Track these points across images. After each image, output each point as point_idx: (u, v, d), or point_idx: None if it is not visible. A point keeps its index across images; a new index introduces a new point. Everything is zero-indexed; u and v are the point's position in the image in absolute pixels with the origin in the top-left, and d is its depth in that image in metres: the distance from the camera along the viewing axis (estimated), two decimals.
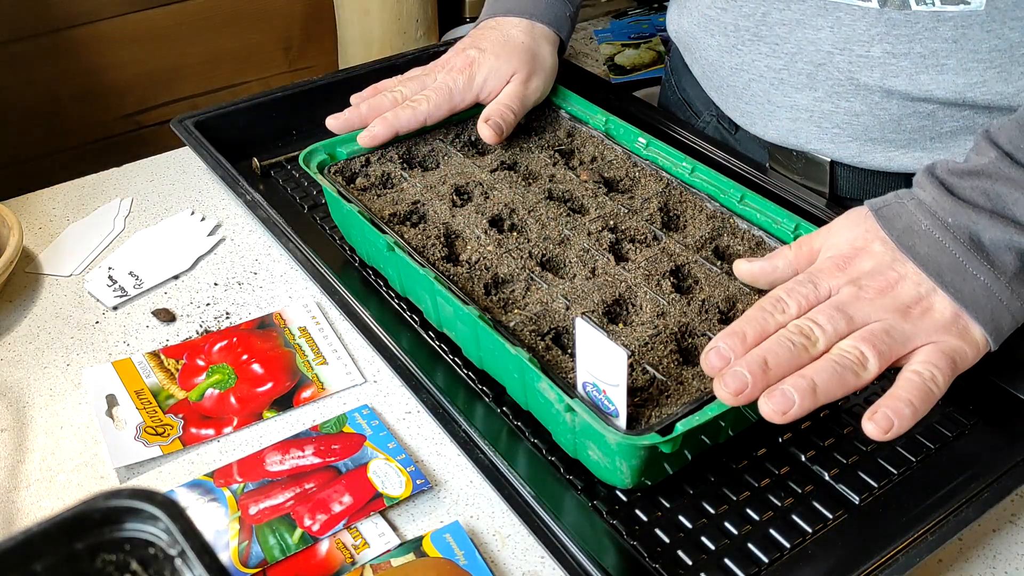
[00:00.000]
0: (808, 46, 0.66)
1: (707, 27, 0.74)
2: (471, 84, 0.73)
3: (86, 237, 0.75)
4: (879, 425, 0.44)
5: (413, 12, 1.49)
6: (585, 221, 0.63)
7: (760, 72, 0.70)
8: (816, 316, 0.48)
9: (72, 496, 0.54)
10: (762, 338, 0.48)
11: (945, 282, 0.48)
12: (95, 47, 1.40)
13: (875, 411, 0.45)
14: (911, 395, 0.45)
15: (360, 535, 0.50)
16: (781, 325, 0.49)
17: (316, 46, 1.63)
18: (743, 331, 0.48)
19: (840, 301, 0.49)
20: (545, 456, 0.54)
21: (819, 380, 0.45)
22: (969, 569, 0.50)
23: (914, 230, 0.50)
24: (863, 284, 0.49)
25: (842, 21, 0.63)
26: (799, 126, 0.71)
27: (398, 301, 0.66)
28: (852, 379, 0.46)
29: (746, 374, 0.45)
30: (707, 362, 0.47)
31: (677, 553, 0.48)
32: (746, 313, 0.49)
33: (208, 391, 0.60)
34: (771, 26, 0.67)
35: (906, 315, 0.48)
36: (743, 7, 0.69)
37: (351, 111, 0.72)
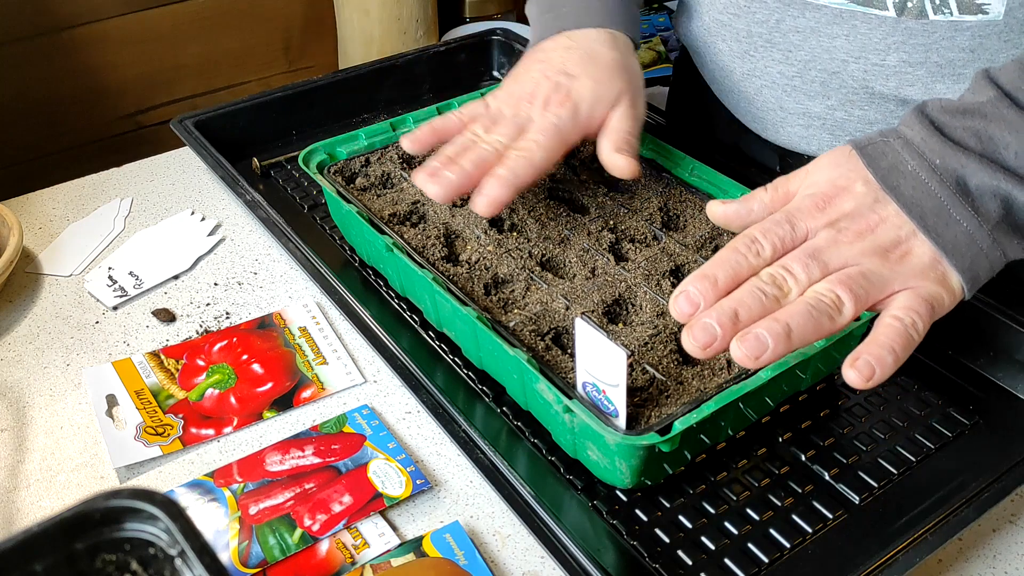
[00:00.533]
0: (823, 54, 0.65)
1: (718, 32, 0.72)
2: (577, 118, 0.61)
3: (86, 237, 0.75)
4: (861, 373, 0.43)
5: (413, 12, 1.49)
6: (585, 221, 0.63)
7: (772, 79, 0.69)
8: (791, 264, 0.46)
9: (72, 496, 0.54)
10: (734, 283, 0.46)
11: (927, 226, 0.47)
12: (95, 47, 1.40)
13: (856, 358, 0.43)
14: (893, 341, 0.44)
15: (360, 535, 0.50)
16: (754, 269, 0.47)
17: (316, 46, 1.63)
18: (715, 274, 0.46)
19: (816, 246, 0.47)
20: (545, 456, 0.54)
21: (794, 324, 0.43)
22: (969, 569, 0.50)
23: (899, 170, 0.48)
24: (841, 227, 0.48)
25: (858, 29, 0.62)
26: (812, 133, 0.70)
27: (398, 301, 0.66)
28: (827, 323, 0.44)
29: (715, 326, 0.43)
30: (676, 306, 0.45)
31: (677, 553, 0.48)
32: (718, 254, 0.47)
33: (208, 391, 0.60)
34: (785, 33, 0.66)
35: (884, 258, 0.47)
36: (756, 13, 0.68)
37: (454, 170, 0.58)
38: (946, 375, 0.59)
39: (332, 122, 0.87)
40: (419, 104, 0.87)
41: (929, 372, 0.59)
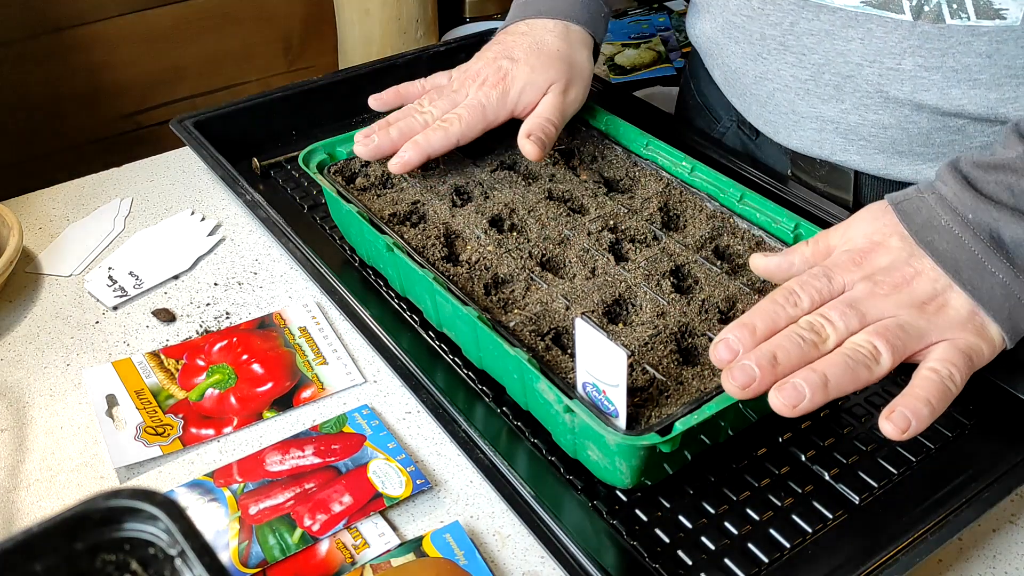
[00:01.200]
0: (837, 57, 0.64)
1: (731, 34, 0.72)
2: (505, 99, 0.68)
3: (86, 237, 0.75)
4: (897, 425, 0.44)
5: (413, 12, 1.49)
6: (585, 221, 0.63)
7: (785, 82, 0.69)
8: (828, 312, 0.47)
9: (72, 496, 0.54)
10: (772, 332, 0.47)
11: (963, 279, 0.48)
12: (95, 47, 1.40)
13: (892, 410, 0.44)
14: (929, 394, 0.45)
15: (360, 535, 0.50)
16: (792, 319, 0.48)
17: (316, 46, 1.63)
18: (753, 323, 0.47)
19: (854, 297, 0.48)
20: (545, 456, 0.54)
21: (831, 374, 0.44)
22: (969, 569, 0.50)
23: (933, 225, 0.49)
24: (878, 280, 0.48)
25: (873, 33, 0.62)
26: (824, 136, 0.70)
27: (398, 301, 0.66)
28: (864, 374, 0.45)
29: (754, 368, 0.45)
30: (716, 353, 0.47)
31: (677, 553, 0.48)
32: (758, 304, 0.48)
33: (208, 391, 0.60)
34: (799, 36, 0.66)
35: (921, 311, 0.47)
36: (770, 16, 0.67)
37: (381, 135, 0.67)
38: None
39: (332, 122, 0.87)
40: None
41: None
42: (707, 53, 0.79)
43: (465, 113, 0.67)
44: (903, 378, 0.58)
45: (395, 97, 0.72)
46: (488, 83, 0.68)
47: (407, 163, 0.65)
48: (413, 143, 0.66)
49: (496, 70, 0.69)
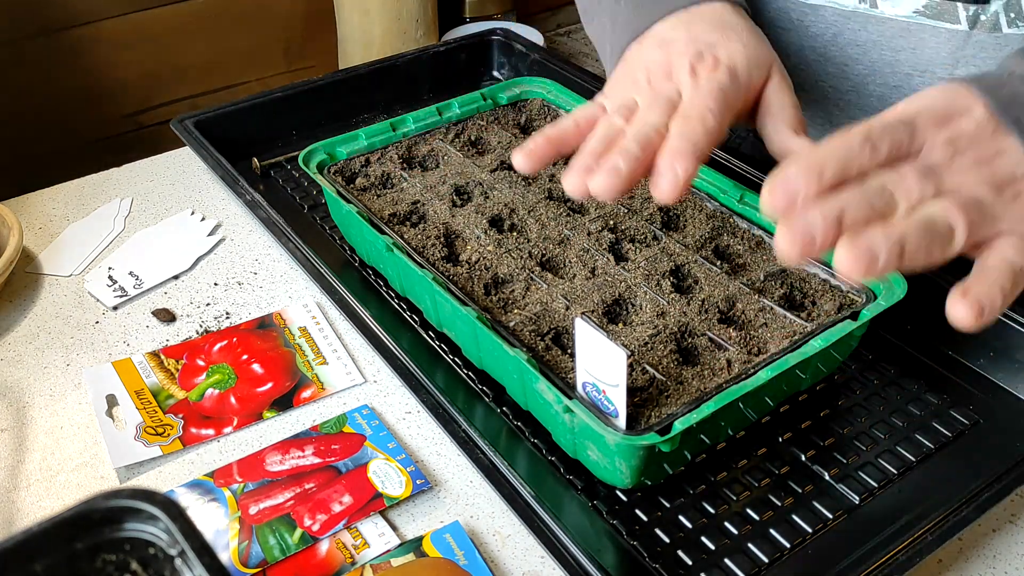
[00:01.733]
0: (884, 68, 0.62)
1: None
2: (737, 83, 0.51)
3: (86, 237, 0.75)
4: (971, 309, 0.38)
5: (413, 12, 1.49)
6: (585, 221, 0.63)
7: (823, 93, 0.66)
8: (907, 175, 0.40)
9: (72, 496, 0.54)
10: (841, 179, 0.40)
11: None
12: (95, 47, 1.40)
13: (966, 292, 0.38)
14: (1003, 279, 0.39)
15: (360, 535, 0.50)
16: (865, 169, 0.40)
17: (316, 46, 1.63)
18: (822, 165, 0.39)
19: (933, 163, 0.41)
20: (545, 456, 0.54)
21: (909, 241, 0.38)
22: (969, 569, 0.50)
23: (1020, 103, 0.43)
24: (961, 147, 0.42)
25: (926, 43, 0.59)
26: None
27: (398, 301, 0.66)
28: (939, 252, 0.39)
29: (816, 228, 0.37)
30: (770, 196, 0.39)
31: (677, 553, 0.48)
32: (829, 142, 0.40)
33: (208, 391, 0.60)
34: (842, 47, 0.63)
35: (1000, 192, 0.41)
36: (810, 28, 0.64)
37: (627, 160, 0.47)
38: (946, 375, 0.59)
39: (332, 122, 0.87)
40: (419, 104, 0.87)
41: (929, 372, 0.59)
42: None
43: (712, 103, 0.49)
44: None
45: (548, 147, 0.52)
46: (702, 70, 0.51)
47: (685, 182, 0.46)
48: (675, 151, 0.46)
49: (697, 56, 0.52)
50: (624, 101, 0.52)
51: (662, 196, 0.46)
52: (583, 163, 0.47)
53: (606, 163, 0.46)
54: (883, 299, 0.54)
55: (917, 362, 0.60)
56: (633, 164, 0.46)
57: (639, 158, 0.46)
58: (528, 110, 0.77)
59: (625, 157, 0.46)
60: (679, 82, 0.51)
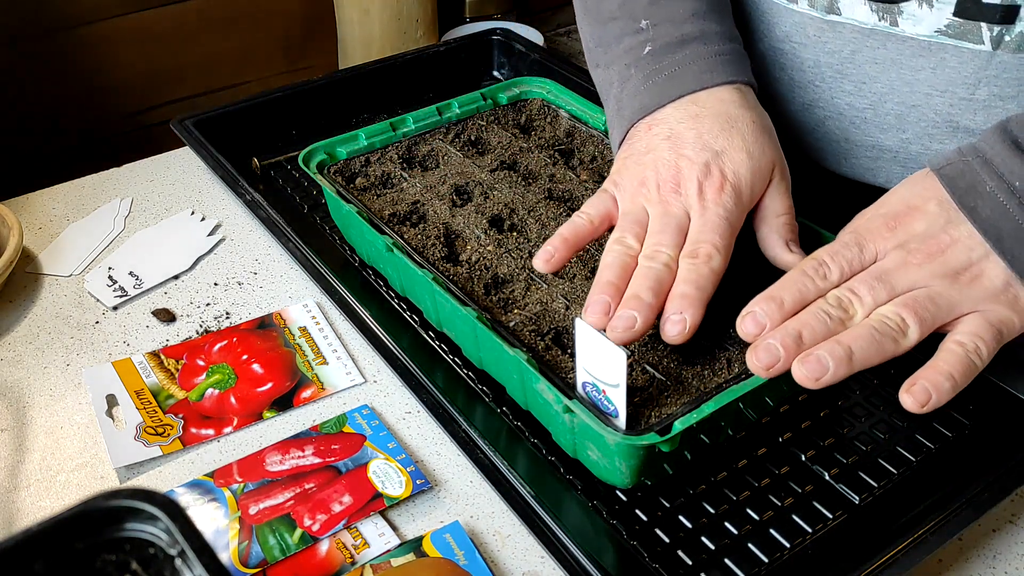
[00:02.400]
0: (902, 87, 0.60)
1: (774, 60, 0.67)
2: (742, 204, 0.54)
3: (86, 237, 0.75)
4: (917, 398, 0.43)
5: (413, 12, 1.49)
6: None
7: (839, 110, 0.65)
8: (857, 286, 0.46)
9: (72, 496, 0.54)
10: (800, 305, 0.46)
11: (1003, 248, 0.46)
12: (95, 47, 1.40)
13: (913, 383, 0.43)
14: (952, 367, 0.43)
15: (360, 535, 0.50)
16: (821, 292, 0.47)
17: (316, 46, 1.63)
18: (781, 297, 0.46)
19: (884, 268, 0.47)
20: (545, 456, 0.54)
21: (856, 347, 0.43)
22: (969, 569, 0.50)
23: (977, 191, 0.47)
24: (911, 248, 0.47)
25: (947, 63, 0.58)
26: (880, 165, 0.66)
27: (398, 301, 0.66)
28: (891, 346, 0.44)
29: (779, 347, 0.44)
30: (742, 327, 0.46)
31: (677, 553, 0.48)
32: (787, 275, 0.47)
33: (208, 391, 0.60)
34: (859, 65, 0.62)
35: (954, 281, 0.46)
36: (827, 44, 0.62)
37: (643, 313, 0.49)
38: None
39: (332, 122, 0.87)
40: (419, 104, 0.87)
41: None
42: None
43: (718, 239, 0.52)
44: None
45: (566, 248, 0.54)
46: (709, 190, 0.54)
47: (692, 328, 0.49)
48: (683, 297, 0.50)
49: (705, 170, 0.54)
50: (634, 208, 0.55)
51: (670, 341, 0.50)
52: (602, 301, 0.50)
53: (625, 313, 0.49)
54: None
55: (917, 362, 0.60)
56: (648, 314, 0.49)
57: (653, 307, 0.50)
58: (528, 110, 0.77)
59: (640, 309, 0.49)
60: (688, 201, 0.54)
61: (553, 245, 0.54)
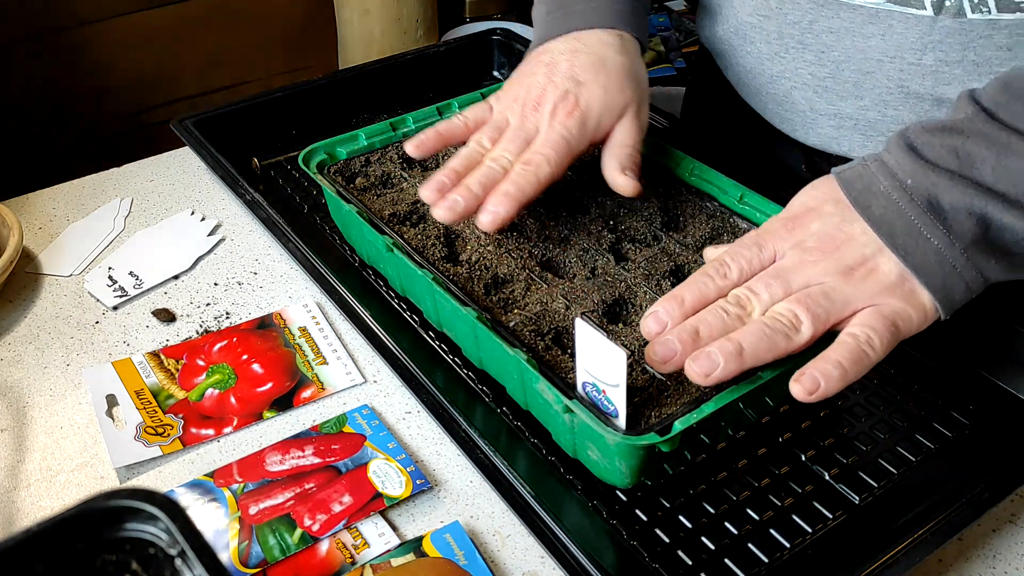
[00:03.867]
0: (857, 54, 0.64)
1: (746, 35, 0.72)
2: (585, 129, 0.60)
3: (86, 237, 0.75)
4: (804, 386, 0.44)
5: (413, 12, 1.49)
6: (585, 221, 0.63)
7: (803, 80, 0.69)
8: (754, 284, 0.48)
9: (72, 496, 0.54)
10: (701, 303, 0.48)
11: (896, 244, 0.47)
12: (95, 47, 1.40)
13: (803, 373, 0.45)
14: (841, 357, 0.45)
15: (360, 535, 0.50)
16: (722, 290, 0.49)
17: (316, 46, 1.63)
18: (682, 296, 0.49)
19: (781, 267, 0.49)
20: (545, 456, 0.54)
21: (746, 343, 0.45)
22: (969, 569, 0.50)
23: (872, 191, 0.49)
24: (807, 246, 0.49)
25: (894, 29, 0.62)
26: (843, 134, 0.69)
27: (398, 301, 0.66)
28: (783, 342, 0.46)
29: (676, 343, 0.46)
30: (645, 326, 0.48)
31: (677, 553, 0.48)
32: (690, 277, 0.50)
33: (208, 391, 0.60)
34: (817, 34, 0.66)
35: (848, 277, 0.47)
36: (788, 15, 0.67)
37: (463, 194, 0.57)
38: (946, 375, 0.59)
39: (332, 122, 0.87)
40: (419, 104, 0.87)
41: (929, 372, 0.59)
42: (720, 54, 0.79)
43: (551, 153, 0.59)
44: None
45: (437, 140, 0.63)
46: (561, 112, 0.60)
47: (501, 220, 0.56)
48: (503, 195, 0.57)
49: (563, 96, 0.60)
50: (501, 117, 0.62)
51: (481, 226, 0.57)
52: (440, 180, 0.58)
53: (451, 196, 0.57)
54: None
55: (917, 362, 0.60)
56: (471, 201, 0.57)
57: (478, 197, 0.57)
58: None
59: (464, 195, 0.57)
60: (540, 119, 0.61)
61: (427, 135, 0.62)
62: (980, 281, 0.47)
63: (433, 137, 0.62)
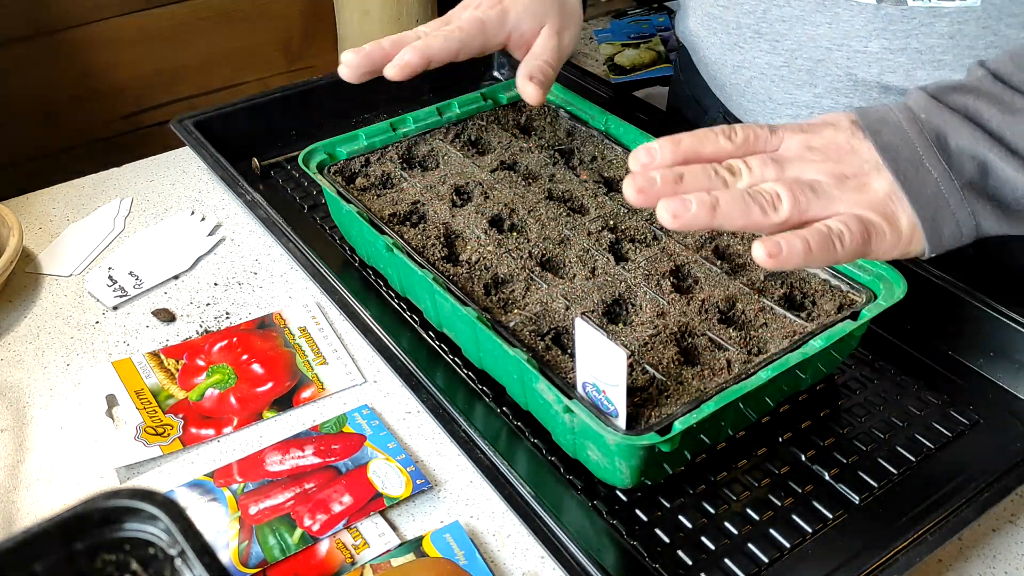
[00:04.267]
0: (808, 42, 0.66)
1: (710, 26, 0.74)
2: (504, 21, 0.67)
3: (86, 237, 0.75)
4: (766, 247, 0.44)
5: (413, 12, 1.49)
6: (585, 221, 0.63)
7: (761, 69, 0.71)
8: (750, 160, 0.48)
9: (72, 496, 0.54)
10: (695, 153, 0.48)
11: (897, 168, 0.48)
12: (95, 47, 1.40)
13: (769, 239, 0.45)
14: (810, 237, 0.45)
15: (360, 535, 0.50)
16: (720, 153, 0.49)
17: (316, 46, 1.63)
18: (681, 138, 0.48)
19: (782, 155, 0.49)
20: (545, 456, 0.54)
21: (723, 202, 0.44)
22: (969, 569, 0.50)
23: (886, 120, 0.50)
24: (813, 146, 0.49)
25: (840, 17, 0.63)
26: None
27: (398, 301, 0.66)
28: (758, 215, 0.45)
29: (657, 179, 0.45)
30: (635, 155, 0.47)
31: (677, 553, 0.48)
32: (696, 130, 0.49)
33: (208, 391, 0.60)
34: (771, 23, 0.68)
35: (841, 182, 0.48)
36: (743, 5, 0.69)
37: (373, 47, 0.64)
38: (946, 375, 0.59)
39: (332, 122, 0.87)
40: (419, 104, 0.87)
41: (929, 372, 0.59)
42: (691, 47, 0.81)
43: (466, 25, 0.66)
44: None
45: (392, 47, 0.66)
46: (485, 4, 0.68)
47: (407, 64, 0.63)
48: (411, 47, 0.63)
49: None
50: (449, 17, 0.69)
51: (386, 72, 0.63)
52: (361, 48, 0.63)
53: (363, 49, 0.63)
54: (883, 299, 0.54)
55: (917, 362, 0.60)
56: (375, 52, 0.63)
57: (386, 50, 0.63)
58: (528, 110, 0.77)
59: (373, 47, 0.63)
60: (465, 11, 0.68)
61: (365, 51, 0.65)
62: (972, 225, 0.48)
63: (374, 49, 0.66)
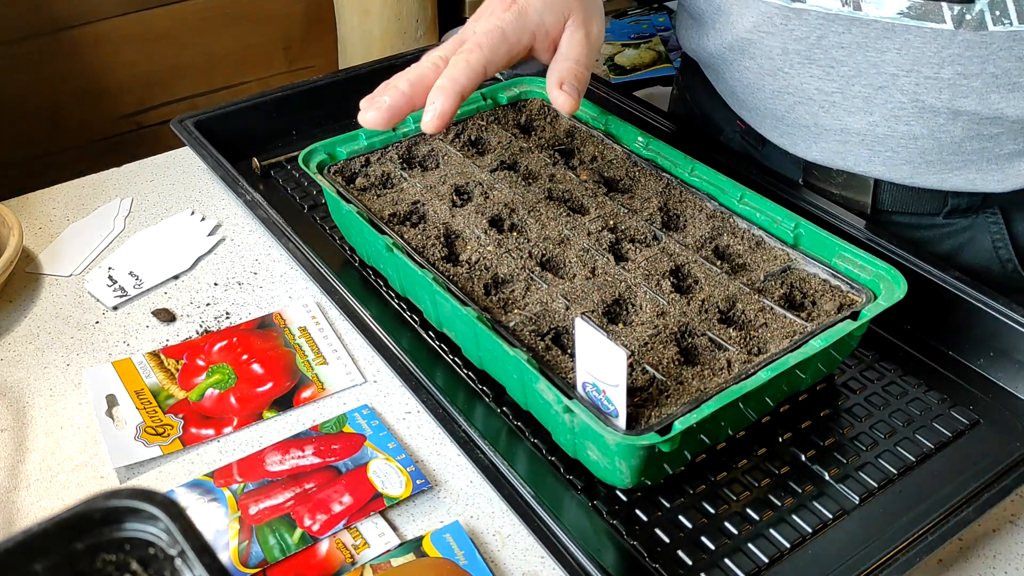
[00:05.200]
0: (869, 69, 0.63)
1: (744, 50, 0.69)
2: (524, 22, 0.59)
3: (86, 237, 0.75)
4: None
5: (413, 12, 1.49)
6: (585, 221, 0.63)
7: (808, 95, 0.67)
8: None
9: (72, 496, 0.54)
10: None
11: None
12: (95, 47, 1.40)
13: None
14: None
15: (360, 535, 0.50)
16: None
17: (316, 46, 1.63)
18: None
19: None
20: (545, 456, 0.54)
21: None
22: (969, 569, 0.50)
23: None
24: None
25: (911, 43, 0.60)
26: (848, 148, 0.68)
27: (398, 301, 0.66)
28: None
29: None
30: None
31: (677, 553, 0.48)
32: None
33: (208, 391, 0.60)
34: (827, 49, 0.64)
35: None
36: (794, 31, 0.65)
37: (393, 95, 0.57)
38: (946, 375, 0.59)
39: (332, 122, 0.87)
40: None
41: (929, 372, 0.59)
42: (712, 68, 0.77)
43: (484, 39, 0.58)
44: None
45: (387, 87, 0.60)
46: (498, 10, 0.60)
47: (443, 114, 0.55)
48: (437, 88, 0.56)
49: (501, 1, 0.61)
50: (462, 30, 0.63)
51: (425, 128, 0.56)
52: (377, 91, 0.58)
53: (379, 97, 0.57)
54: (883, 299, 0.54)
55: (917, 362, 0.60)
56: (397, 98, 0.57)
57: (404, 93, 0.57)
58: (528, 110, 0.77)
59: (391, 94, 0.57)
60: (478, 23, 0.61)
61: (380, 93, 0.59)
62: None
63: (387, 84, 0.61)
